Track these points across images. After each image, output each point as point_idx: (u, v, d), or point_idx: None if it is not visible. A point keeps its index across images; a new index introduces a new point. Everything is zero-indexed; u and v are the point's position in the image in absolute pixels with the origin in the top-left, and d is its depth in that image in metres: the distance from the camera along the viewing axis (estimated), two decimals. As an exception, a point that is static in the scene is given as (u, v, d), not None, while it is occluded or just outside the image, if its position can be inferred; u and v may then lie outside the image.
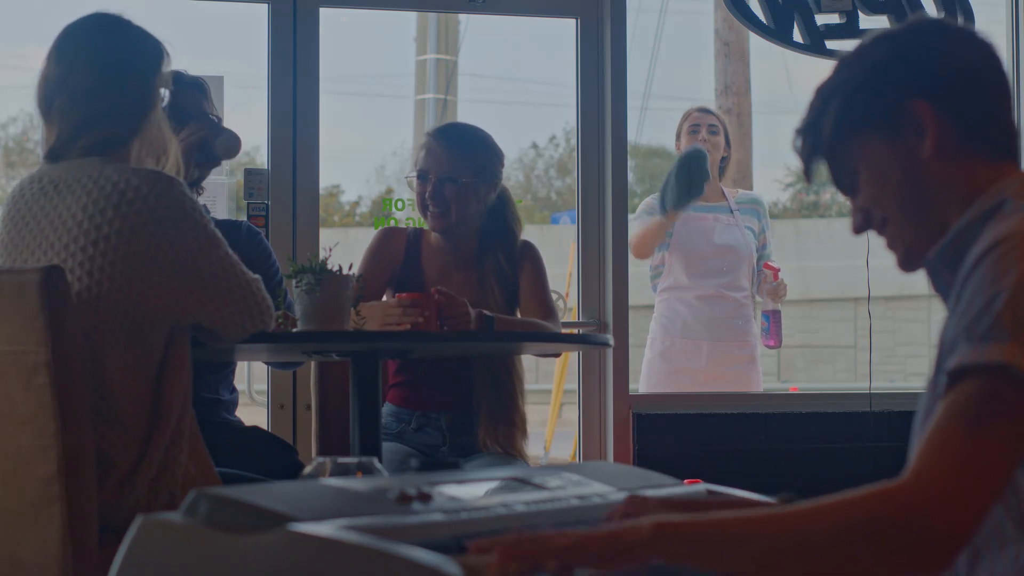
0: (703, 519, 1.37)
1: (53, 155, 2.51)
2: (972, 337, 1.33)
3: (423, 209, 3.31)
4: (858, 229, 1.61)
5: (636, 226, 4.57)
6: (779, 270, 4.74)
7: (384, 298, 3.30)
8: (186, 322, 2.45)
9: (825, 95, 1.58)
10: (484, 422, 3.24)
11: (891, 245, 1.59)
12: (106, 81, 2.50)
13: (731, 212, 4.70)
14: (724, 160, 4.74)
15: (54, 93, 2.51)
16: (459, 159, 3.26)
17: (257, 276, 2.55)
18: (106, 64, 2.51)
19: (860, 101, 1.55)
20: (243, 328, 2.49)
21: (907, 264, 1.59)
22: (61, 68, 2.51)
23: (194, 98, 3.13)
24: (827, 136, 1.57)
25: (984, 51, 1.55)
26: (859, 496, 1.32)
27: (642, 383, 4.64)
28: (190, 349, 2.49)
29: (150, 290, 2.37)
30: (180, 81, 3.12)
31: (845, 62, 1.59)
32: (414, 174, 3.31)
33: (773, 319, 4.75)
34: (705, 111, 4.79)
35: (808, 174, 1.63)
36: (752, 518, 1.36)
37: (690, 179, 4.47)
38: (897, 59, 1.54)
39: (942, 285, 1.53)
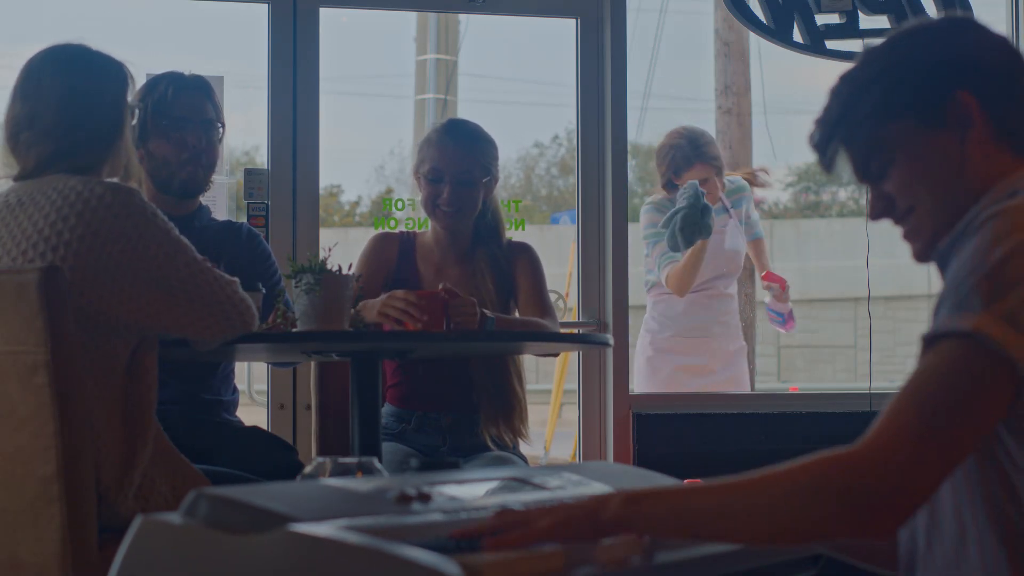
0: (666, 490, 1.45)
1: (22, 177, 2.51)
2: (950, 305, 1.35)
3: (432, 208, 3.29)
4: (877, 216, 1.60)
5: (665, 263, 4.56)
6: (785, 281, 4.79)
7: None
8: (153, 329, 2.43)
9: (859, 84, 1.57)
10: (484, 410, 3.25)
11: (909, 235, 1.58)
12: (72, 115, 2.50)
13: (727, 211, 4.71)
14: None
15: (20, 128, 2.52)
16: (474, 160, 3.27)
17: (234, 279, 2.54)
18: (70, 98, 2.51)
19: (905, 88, 1.54)
20: (219, 332, 2.48)
21: (925, 255, 1.59)
22: (27, 105, 2.52)
23: (197, 104, 3.11)
24: (862, 123, 1.56)
25: (1015, 53, 1.57)
26: (812, 461, 1.36)
27: (641, 382, 4.64)
28: (156, 359, 2.48)
29: (112, 295, 2.36)
30: (182, 84, 3.11)
31: (879, 53, 1.58)
32: (423, 173, 3.29)
33: (787, 314, 4.84)
34: (709, 164, 4.72)
35: (829, 165, 1.61)
36: (710, 487, 1.41)
37: (697, 227, 4.45)
38: (943, 48, 1.54)
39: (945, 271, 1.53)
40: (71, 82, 2.52)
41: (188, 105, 3.09)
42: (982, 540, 1.42)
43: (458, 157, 3.26)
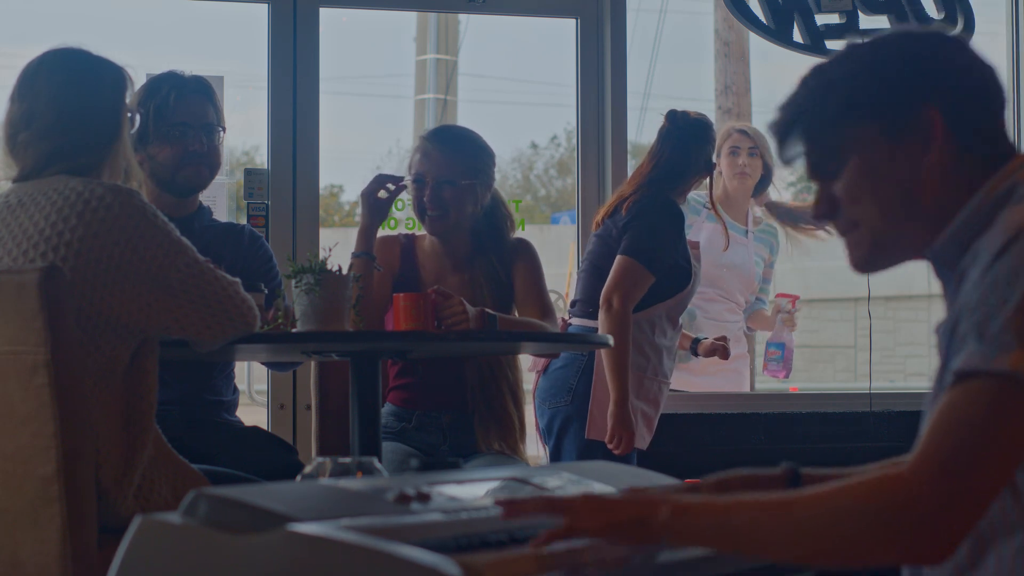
0: (714, 503, 1.44)
1: (21, 178, 2.51)
2: (982, 338, 1.33)
3: (420, 213, 3.31)
4: (820, 216, 1.57)
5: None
6: (798, 298, 4.76)
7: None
8: (154, 330, 2.43)
9: (831, 79, 1.55)
10: (479, 421, 3.25)
11: (850, 244, 1.56)
12: (70, 116, 2.49)
13: (746, 234, 4.70)
14: (764, 180, 4.71)
15: (17, 130, 2.51)
16: (455, 162, 3.27)
17: (236, 279, 2.54)
18: (67, 99, 2.50)
19: (874, 94, 1.52)
20: (221, 332, 2.48)
21: (862, 266, 1.56)
22: (24, 104, 2.51)
23: (198, 108, 3.10)
24: (826, 119, 1.54)
25: (995, 83, 1.54)
26: (860, 483, 1.35)
27: None
28: (157, 360, 2.48)
29: (113, 296, 2.36)
30: (184, 88, 3.10)
31: (857, 52, 1.56)
32: (410, 178, 3.31)
33: (788, 348, 4.75)
34: (744, 132, 4.71)
35: (786, 154, 1.57)
36: (758, 503, 1.40)
37: None
38: (919, 61, 1.52)
39: (946, 272, 1.51)
40: (68, 84, 2.52)
41: (190, 111, 3.08)
42: (1000, 551, 1.42)
43: (438, 159, 3.28)
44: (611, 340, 3.16)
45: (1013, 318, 1.32)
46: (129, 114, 2.60)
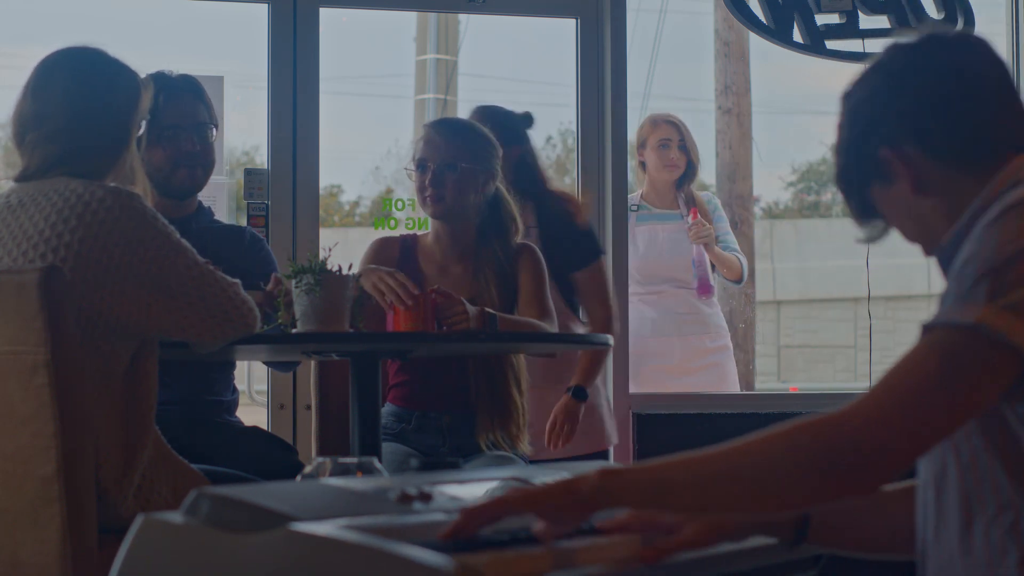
0: (646, 464, 1.46)
1: (24, 178, 2.51)
2: (957, 295, 1.36)
3: (422, 199, 3.33)
4: (872, 240, 1.66)
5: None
6: (695, 210, 4.69)
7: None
8: (153, 331, 2.43)
9: (835, 154, 1.64)
10: (481, 415, 3.25)
11: (922, 249, 1.63)
12: (81, 120, 2.48)
13: (682, 219, 4.67)
14: (688, 171, 4.69)
15: (27, 128, 2.51)
16: (456, 146, 3.30)
17: (236, 280, 2.53)
18: (80, 103, 2.49)
19: (851, 162, 1.59)
20: (221, 334, 2.48)
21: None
22: (36, 103, 2.50)
23: (189, 108, 3.08)
24: (845, 191, 1.63)
25: (971, 58, 1.55)
26: (791, 427, 1.37)
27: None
28: (157, 361, 2.48)
29: (113, 298, 2.36)
30: (172, 89, 3.08)
31: (840, 118, 1.63)
32: (412, 166, 3.33)
33: (699, 264, 4.61)
34: (673, 124, 4.65)
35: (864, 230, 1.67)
36: (689, 458, 1.43)
37: None
38: (865, 107, 1.57)
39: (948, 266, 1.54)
40: (81, 87, 2.51)
41: (180, 111, 3.06)
42: (989, 530, 1.42)
43: (439, 144, 3.30)
44: (610, 340, 3.15)
45: (987, 276, 1.34)
46: (140, 119, 2.59)
